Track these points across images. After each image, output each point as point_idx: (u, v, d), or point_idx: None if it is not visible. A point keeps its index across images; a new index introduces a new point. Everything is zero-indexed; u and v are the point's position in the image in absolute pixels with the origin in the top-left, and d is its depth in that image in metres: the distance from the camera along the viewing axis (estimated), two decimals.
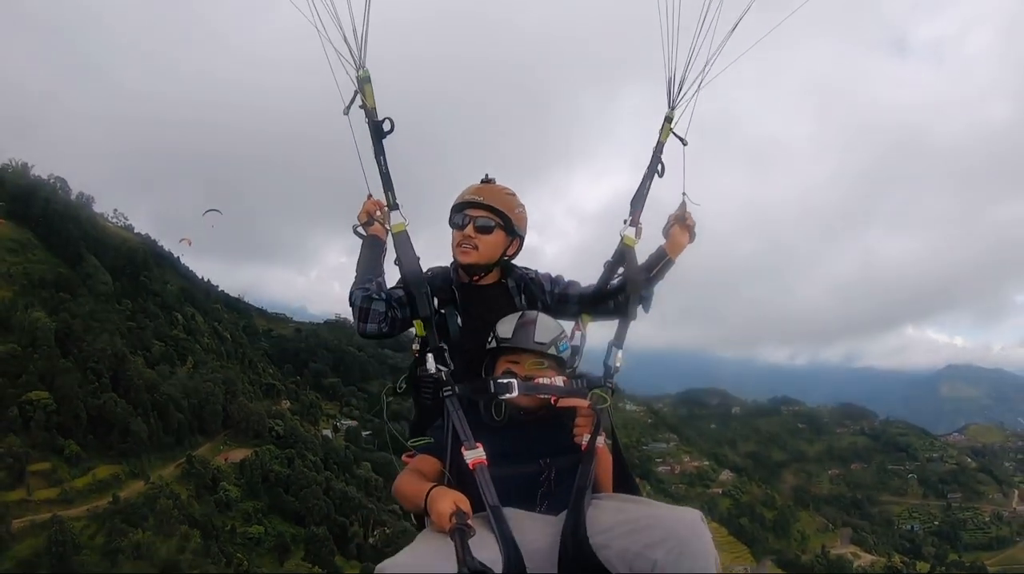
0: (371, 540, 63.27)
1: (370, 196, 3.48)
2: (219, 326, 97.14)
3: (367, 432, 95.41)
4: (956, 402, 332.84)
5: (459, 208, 3.46)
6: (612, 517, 2.65)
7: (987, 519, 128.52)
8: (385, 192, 3.23)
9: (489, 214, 3.41)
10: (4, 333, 61.68)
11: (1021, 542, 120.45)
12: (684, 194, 3.68)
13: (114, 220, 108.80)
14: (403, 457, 3.27)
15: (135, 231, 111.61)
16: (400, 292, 3.33)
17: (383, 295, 3.28)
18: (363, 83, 3.13)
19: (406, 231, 3.25)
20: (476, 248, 3.40)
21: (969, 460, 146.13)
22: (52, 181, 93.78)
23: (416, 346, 3.29)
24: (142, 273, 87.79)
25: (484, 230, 3.41)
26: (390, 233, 3.30)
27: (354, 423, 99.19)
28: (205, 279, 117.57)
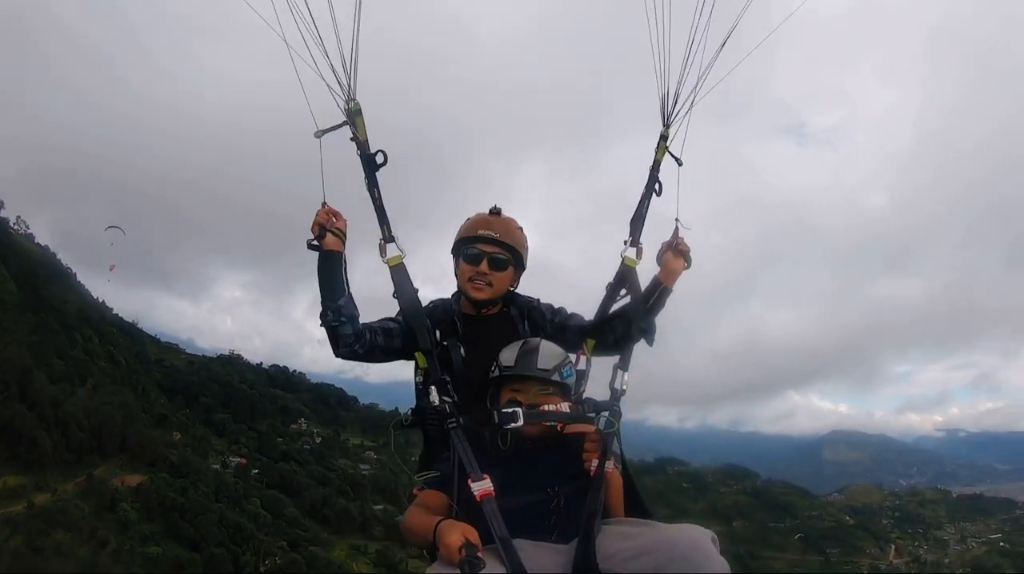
0: (262, 569, 68.55)
1: (324, 205, 3.40)
2: (114, 350, 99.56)
3: (255, 470, 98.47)
4: (839, 465, 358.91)
5: (472, 241, 3.59)
6: (621, 542, 2.80)
7: (865, 572, 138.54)
8: (380, 225, 3.34)
9: (502, 250, 3.57)
10: None
11: None
12: (676, 219, 3.69)
13: (15, 227, 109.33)
14: (414, 490, 3.36)
15: (35, 241, 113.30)
16: (391, 324, 3.51)
17: (342, 319, 3.29)
18: (354, 115, 3.26)
19: (403, 263, 3.37)
20: (490, 285, 3.56)
21: (848, 518, 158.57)
22: None
23: (419, 379, 3.43)
24: (44, 286, 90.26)
25: (498, 267, 3.57)
26: (387, 266, 3.38)
27: (243, 461, 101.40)
28: (100, 300, 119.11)
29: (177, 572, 56.58)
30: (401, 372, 3.71)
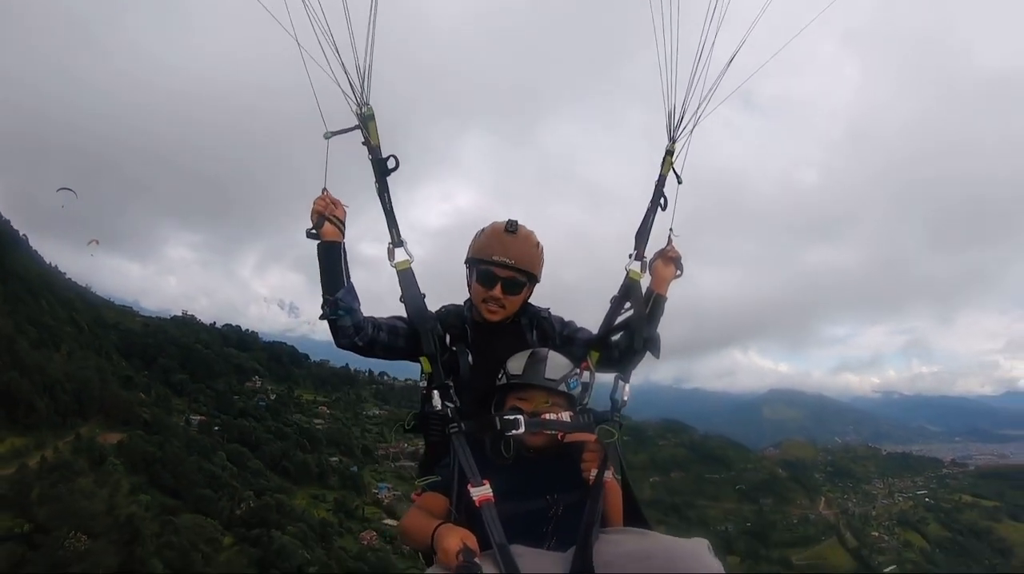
0: (238, 512, 78.52)
1: (324, 191, 3.46)
2: (76, 315, 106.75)
3: (216, 427, 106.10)
4: (777, 423, 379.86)
5: (486, 263, 3.67)
6: (617, 550, 2.93)
7: (795, 521, 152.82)
8: (389, 229, 3.47)
9: (518, 274, 3.68)
10: None
11: (827, 541, 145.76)
12: (671, 229, 3.94)
13: None
14: (412, 495, 3.63)
15: None
16: (399, 323, 3.64)
17: (339, 312, 3.41)
18: (367, 120, 3.36)
19: (411, 268, 3.51)
20: (503, 307, 3.72)
21: (781, 471, 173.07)
22: None
23: (424, 383, 3.56)
24: (6, 254, 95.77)
25: (513, 291, 3.71)
26: (395, 270, 3.50)
27: (203, 418, 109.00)
28: (53, 265, 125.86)
29: (168, 514, 66.74)
30: None
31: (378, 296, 3.68)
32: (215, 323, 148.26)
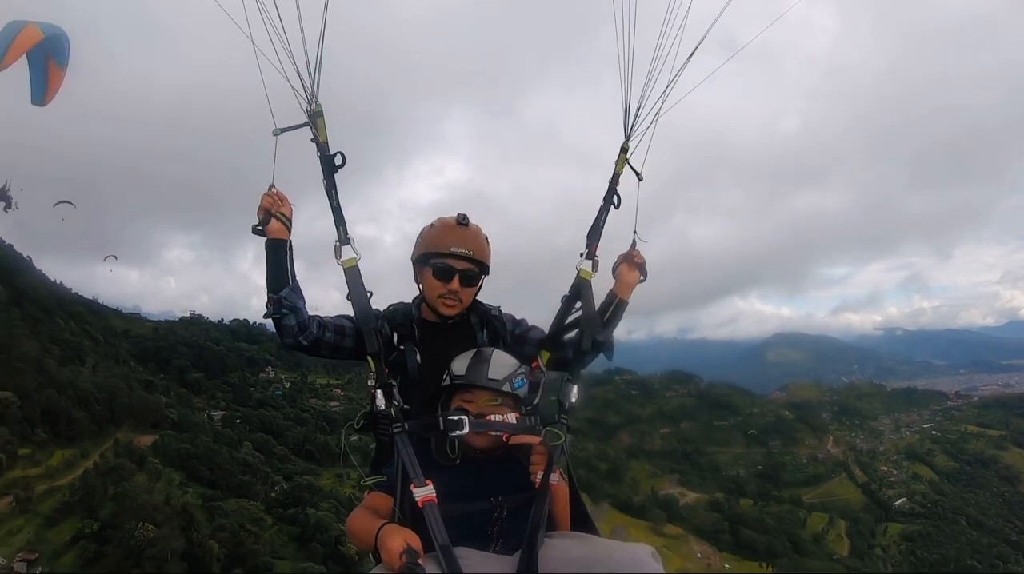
0: (272, 495, 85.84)
1: (271, 188, 3.52)
2: (90, 328, 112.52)
3: (238, 420, 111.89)
4: (782, 366, 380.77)
5: (442, 255, 3.71)
6: (563, 554, 2.96)
7: (805, 461, 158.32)
8: (337, 227, 3.49)
9: (473, 266, 3.74)
10: None
11: (836, 478, 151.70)
12: (635, 232, 3.92)
13: None
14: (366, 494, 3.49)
15: None
16: (345, 322, 3.70)
17: (283, 311, 3.45)
18: (315, 117, 3.44)
19: (357, 266, 3.53)
20: (460, 301, 3.75)
21: (788, 413, 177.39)
22: None
23: (371, 382, 3.51)
24: (16, 278, 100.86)
25: (470, 283, 3.76)
26: (342, 268, 3.53)
27: (224, 413, 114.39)
28: (59, 282, 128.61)
29: (212, 503, 73.64)
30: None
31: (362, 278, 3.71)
32: (222, 319, 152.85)
